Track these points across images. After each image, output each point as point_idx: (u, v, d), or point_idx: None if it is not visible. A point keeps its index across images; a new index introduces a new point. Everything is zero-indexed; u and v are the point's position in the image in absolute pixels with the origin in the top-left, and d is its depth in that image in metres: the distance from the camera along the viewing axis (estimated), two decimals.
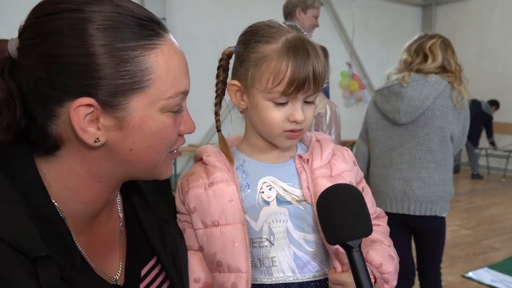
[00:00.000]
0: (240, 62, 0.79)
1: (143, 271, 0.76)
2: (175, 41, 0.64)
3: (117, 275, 0.71)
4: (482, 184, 7.19)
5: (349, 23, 7.90)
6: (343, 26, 8.02)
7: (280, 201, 0.81)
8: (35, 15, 0.57)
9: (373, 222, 0.88)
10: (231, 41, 0.87)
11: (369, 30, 8.34)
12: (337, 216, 0.63)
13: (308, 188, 0.81)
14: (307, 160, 0.84)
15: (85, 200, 0.64)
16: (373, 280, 0.80)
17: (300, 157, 0.84)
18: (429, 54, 1.88)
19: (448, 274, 2.02)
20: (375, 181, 2.02)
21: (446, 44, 1.92)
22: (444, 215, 1.95)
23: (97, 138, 0.58)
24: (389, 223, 2.03)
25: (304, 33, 0.80)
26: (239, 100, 0.81)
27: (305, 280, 0.79)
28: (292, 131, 0.78)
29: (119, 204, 0.78)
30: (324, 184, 0.79)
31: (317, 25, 2.80)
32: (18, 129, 0.60)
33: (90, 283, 0.63)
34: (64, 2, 0.57)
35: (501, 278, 3.12)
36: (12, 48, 0.58)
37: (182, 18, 6.26)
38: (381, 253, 0.81)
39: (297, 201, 0.81)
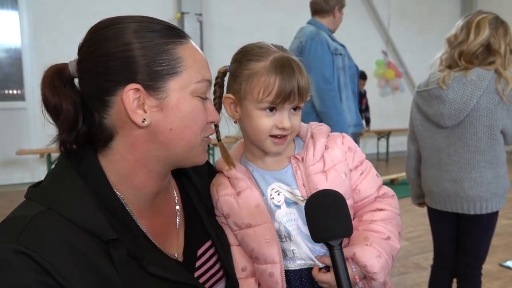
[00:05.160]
0: (234, 78, 0.89)
1: (199, 251, 0.87)
2: (195, 44, 0.79)
3: (177, 253, 0.83)
4: None
5: (384, 10, 7.75)
6: (378, 13, 7.88)
7: (288, 203, 0.90)
8: (90, 32, 0.74)
9: (375, 206, 0.94)
10: (266, 34, 0.95)
11: (405, 17, 8.15)
12: (319, 219, 0.70)
13: (303, 185, 0.90)
14: (302, 159, 0.91)
15: (137, 185, 0.77)
16: (358, 278, 0.86)
17: (295, 157, 0.92)
18: (473, 29, 1.70)
19: (486, 263, 2.00)
20: (427, 181, 1.95)
21: (499, 21, 1.71)
22: (498, 210, 1.85)
23: (144, 119, 0.71)
24: (441, 219, 2.03)
25: (330, 33, 0.88)
26: (233, 111, 0.91)
27: (322, 266, 0.90)
28: (277, 136, 0.88)
29: (175, 193, 0.90)
30: (318, 179, 0.88)
31: (341, 21, 2.87)
32: (79, 133, 0.74)
33: (155, 258, 0.74)
34: (109, 21, 0.73)
35: None
36: (72, 67, 0.73)
37: (218, 13, 6.40)
38: (368, 253, 0.85)
39: (301, 200, 0.89)
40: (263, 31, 6.23)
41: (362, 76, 6.76)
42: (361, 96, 6.83)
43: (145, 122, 0.71)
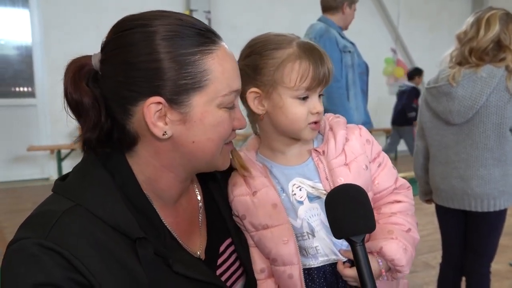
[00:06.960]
0: (256, 71, 0.85)
1: (221, 248, 0.87)
2: (227, 47, 0.73)
3: (199, 250, 0.82)
4: None
5: (394, 8, 7.70)
6: (387, 11, 7.82)
7: (311, 198, 0.88)
8: (115, 31, 0.69)
9: (393, 197, 0.93)
10: (274, 31, 0.92)
11: (415, 15, 8.08)
12: (341, 214, 0.68)
13: (326, 179, 0.88)
14: (323, 152, 0.90)
15: (163, 187, 0.76)
16: (384, 272, 0.85)
17: (316, 150, 0.90)
18: (483, 25, 1.68)
19: (495, 263, 1.99)
20: (435, 178, 1.94)
21: (509, 17, 1.68)
22: (506, 207, 1.84)
23: (165, 132, 0.68)
24: (448, 216, 2.02)
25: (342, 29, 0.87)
26: (258, 106, 0.87)
27: (345, 260, 0.89)
28: (315, 122, 0.87)
29: (197, 190, 0.89)
30: (341, 172, 0.87)
31: (353, 17, 2.85)
32: (103, 129, 0.71)
33: (180, 257, 0.74)
34: (137, 19, 0.68)
35: None
36: (95, 61, 0.69)
37: (226, 11, 6.40)
38: (395, 247, 0.84)
39: (324, 194, 0.86)
40: (271, 29, 6.19)
41: (419, 72, 6.24)
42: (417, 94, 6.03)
43: (166, 135, 0.69)
